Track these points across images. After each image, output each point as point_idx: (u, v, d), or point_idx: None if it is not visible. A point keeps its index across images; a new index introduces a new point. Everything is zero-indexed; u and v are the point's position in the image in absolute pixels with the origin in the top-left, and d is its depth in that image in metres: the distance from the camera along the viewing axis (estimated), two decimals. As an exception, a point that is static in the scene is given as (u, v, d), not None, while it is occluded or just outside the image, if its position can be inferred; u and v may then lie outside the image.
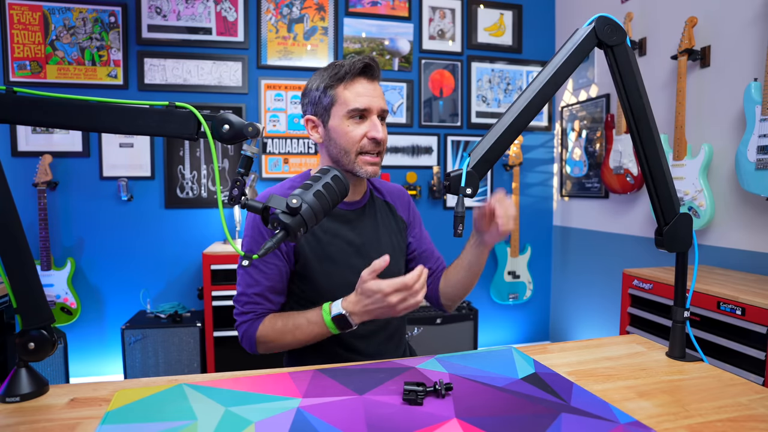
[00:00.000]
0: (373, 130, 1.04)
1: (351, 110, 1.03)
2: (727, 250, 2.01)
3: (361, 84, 1.04)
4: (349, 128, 1.04)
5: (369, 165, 1.06)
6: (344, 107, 1.03)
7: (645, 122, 0.88)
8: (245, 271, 1.07)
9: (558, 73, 0.85)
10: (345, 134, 1.04)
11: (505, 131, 0.86)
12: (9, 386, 0.75)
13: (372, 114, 1.05)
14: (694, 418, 0.69)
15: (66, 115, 0.73)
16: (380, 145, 1.06)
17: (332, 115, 1.05)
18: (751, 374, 1.44)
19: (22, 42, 2.56)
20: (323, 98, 1.06)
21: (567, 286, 3.21)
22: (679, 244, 0.91)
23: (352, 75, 1.04)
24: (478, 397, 0.76)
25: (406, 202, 1.26)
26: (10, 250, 0.74)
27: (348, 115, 1.03)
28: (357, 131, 1.04)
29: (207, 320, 2.39)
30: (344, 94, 1.04)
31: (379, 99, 1.06)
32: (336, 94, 1.04)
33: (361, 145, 1.04)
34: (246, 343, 1.06)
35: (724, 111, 2.01)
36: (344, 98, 1.04)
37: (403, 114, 3.04)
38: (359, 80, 1.05)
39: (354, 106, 1.03)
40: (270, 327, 1.03)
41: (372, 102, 1.04)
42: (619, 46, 0.86)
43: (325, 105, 1.06)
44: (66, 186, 2.63)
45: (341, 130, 1.04)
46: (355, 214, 1.13)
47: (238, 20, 2.79)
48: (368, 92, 1.04)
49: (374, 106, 1.05)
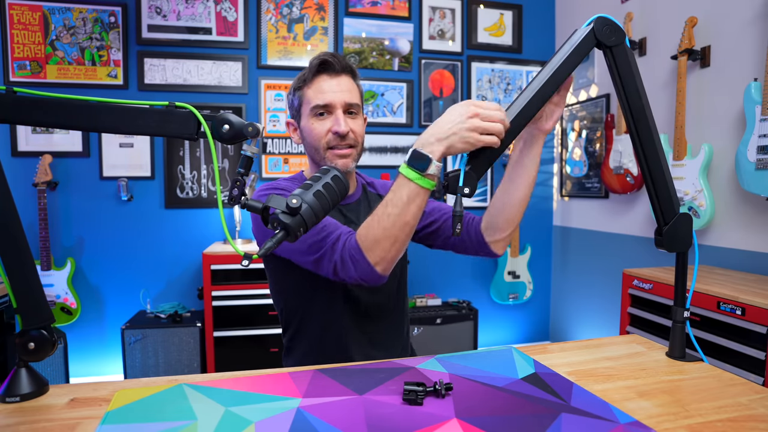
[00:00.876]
0: (335, 125, 1.04)
1: (312, 107, 1.05)
2: (727, 250, 2.01)
3: (323, 80, 1.06)
4: (314, 125, 1.06)
5: (338, 158, 1.06)
6: (308, 106, 1.06)
7: (644, 122, 0.88)
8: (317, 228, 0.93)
9: (556, 74, 0.85)
10: (311, 132, 1.06)
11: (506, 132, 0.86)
12: (9, 386, 0.75)
13: (336, 109, 1.05)
14: (694, 418, 0.69)
15: (66, 115, 0.73)
16: (346, 139, 1.05)
17: (302, 115, 1.09)
18: (751, 374, 1.44)
19: (22, 42, 2.56)
20: (294, 100, 1.10)
21: (567, 286, 3.21)
22: (679, 244, 0.91)
23: (312, 74, 1.06)
24: (478, 397, 0.76)
25: None
26: (10, 250, 0.74)
27: (312, 113, 1.06)
28: (321, 127, 1.05)
29: (207, 320, 2.39)
30: (308, 93, 1.06)
31: (343, 93, 1.06)
32: (302, 94, 1.08)
33: (326, 140, 1.05)
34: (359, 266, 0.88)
35: (724, 111, 2.01)
36: (308, 97, 1.06)
37: (403, 114, 3.04)
38: (320, 77, 1.06)
39: (315, 102, 1.05)
40: (363, 229, 0.89)
41: (334, 97, 1.04)
42: (618, 47, 0.86)
43: (296, 106, 1.10)
44: (66, 186, 2.63)
45: (308, 129, 1.07)
46: (348, 209, 1.14)
47: (238, 20, 2.79)
48: (330, 88, 1.05)
49: (336, 101, 1.05)
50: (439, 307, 2.87)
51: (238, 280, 2.42)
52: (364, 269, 0.88)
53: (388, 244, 0.87)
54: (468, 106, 0.82)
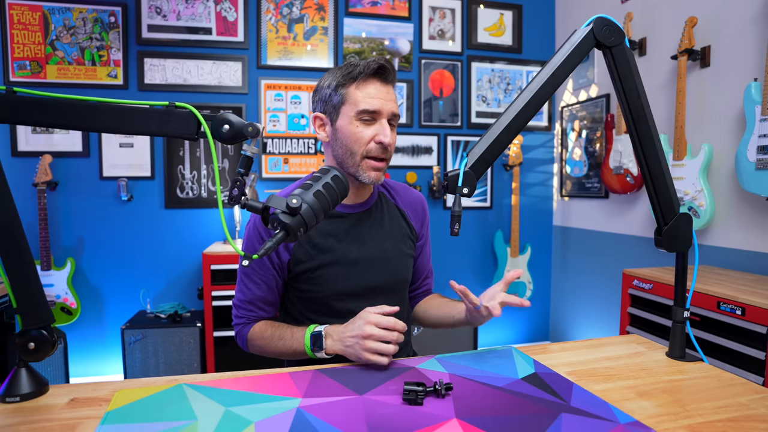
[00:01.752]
0: (381, 134, 1.01)
1: (360, 111, 1.01)
2: (727, 250, 2.01)
3: (373, 85, 1.02)
4: (357, 129, 1.01)
5: (373, 170, 1.03)
6: (354, 107, 1.01)
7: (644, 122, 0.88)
8: (240, 279, 1.11)
9: (556, 74, 0.86)
10: (352, 135, 1.02)
11: (503, 131, 0.86)
12: (9, 386, 0.75)
13: (382, 117, 1.02)
14: (694, 418, 0.69)
15: (66, 115, 0.73)
16: (387, 151, 1.03)
17: (341, 114, 1.03)
18: (751, 374, 1.44)
19: (22, 42, 2.56)
20: (333, 96, 1.04)
21: (567, 286, 3.21)
22: (679, 244, 0.91)
23: (366, 75, 1.01)
24: (478, 397, 0.76)
25: (422, 213, 1.23)
26: (10, 250, 0.74)
27: (357, 115, 1.01)
28: (365, 133, 1.01)
29: (207, 320, 2.39)
30: (355, 93, 1.01)
31: (391, 103, 1.03)
32: (347, 93, 1.02)
33: (367, 148, 1.02)
34: (239, 342, 1.14)
35: (724, 111, 2.01)
36: (355, 98, 1.01)
37: (403, 114, 3.04)
38: (372, 81, 1.02)
39: (364, 107, 1.00)
40: (260, 333, 1.08)
41: (383, 105, 1.01)
42: (617, 47, 0.86)
43: (334, 103, 1.04)
44: (66, 186, 2.63)
45: (348, 131, 1.02)
46: (358, 216, 1.11)
47: (238, 20, 2.79)
48: (380, 95, 1.02)
49: (385, 110, 1.02)
50: (439, 307, 2.86)
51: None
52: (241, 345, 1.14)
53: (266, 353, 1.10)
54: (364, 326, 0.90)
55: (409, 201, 1.22)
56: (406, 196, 1.22)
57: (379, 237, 1.12)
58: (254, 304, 1.10)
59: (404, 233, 1.17)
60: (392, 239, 1.14)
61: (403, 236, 1.17)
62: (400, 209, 1.19)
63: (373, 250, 1.10)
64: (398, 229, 1.16)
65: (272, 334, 1.05)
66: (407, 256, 1.17)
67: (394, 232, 1.15)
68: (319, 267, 1.06)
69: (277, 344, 1.04)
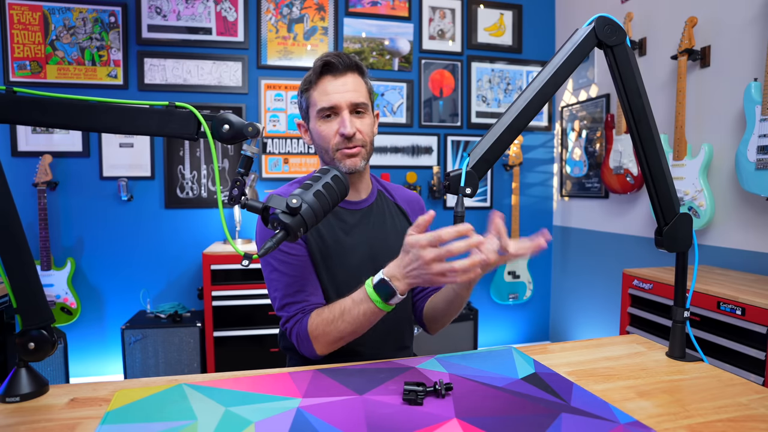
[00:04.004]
0: (341, 127, 1.03)
1: (319, 110, 1.05)
2: (727, 250, 2.01)
3: (327, 82, 1.05)
4: (322, 128, 1.06)
5: (347, 158, 1.05)
6: (315, 108, 1.06)
7: (645, 122, 0.88)
8: (274, 276, 1.03)
9: (557, 74, 0.85)
10: (320, 134, 1.06)
11: (505, 131, 0.85)
12: (9, 386, 0.75)
13: (342, 110, 1.04)
14: (694, 418, 0.69)
15: (66, 115, 0.73)
16: (353, 140, 1.04)
17: (310, 117, 1.09)
18: (751, 374, 1.44)
19: (22, 42, 2.56)
20: (303, 102, 1.10)
21: (567, 286, 3.21)
22: (679, 244, 0.91)
23: (316, 75, 1.05)
24: (478, 397, 0.76)
25: (420, 210, 1.24)
26: (10, 250, 0.74)
27: (319, 115, 1.05)
28: (328, 130, 1.05)
29: (207, 320, 2.39)
30: (314, 95, 1.06)
31: (348, 93, 1.04)
32: (309, 96, 1.07)
33: (335, 142, 1.05)
34: (304, 346, 0.98)
35: (724, 111, 2.01)
36: (314, 99, 1.06)
37: (403, 114, 3.04)
38: (325, 79, 1.05)
39: (321, 105, 1.04)
40: (318, 319, 0.96)
41: (338, 98, 1.03)
42: (618, 46, 0.86)
43: (305, 108, 1.10)
44: (66, 186, 2.63)
45: (317, 131, 1.07)
46: (359, 213, 1.12)
47: (238, 20, 2.79)
48: (335, 89, 1.04)
49: (341, 102, 1.03)
50: (439, 307, 2.86)
51: (238, 280, 2.42)
52: (307, 350, 0.98)
53: (336, 343, 0.95)
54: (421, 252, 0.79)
55: (406, 199, 1.24)
56: (403, 194, 1.25)
57: (382, 232, 1.13)
58: (303, 291, 1.01)
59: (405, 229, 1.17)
60: (395, 235, 1.14)
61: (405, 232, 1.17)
62: (399, 206, 1.21)
63: (378, 246, 1.11)
64: (400, 225, 1.17)
65: (331, 312, 0.93)
66: None
67: (396, 227, 1.16)
68: (326, 260, 1.07)
69: (344, 318, 0.90)
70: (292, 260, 1.03)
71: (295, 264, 1.03)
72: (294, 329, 0.99)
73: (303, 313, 0.99)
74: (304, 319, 0.98)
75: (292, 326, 0.99)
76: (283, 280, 1.02)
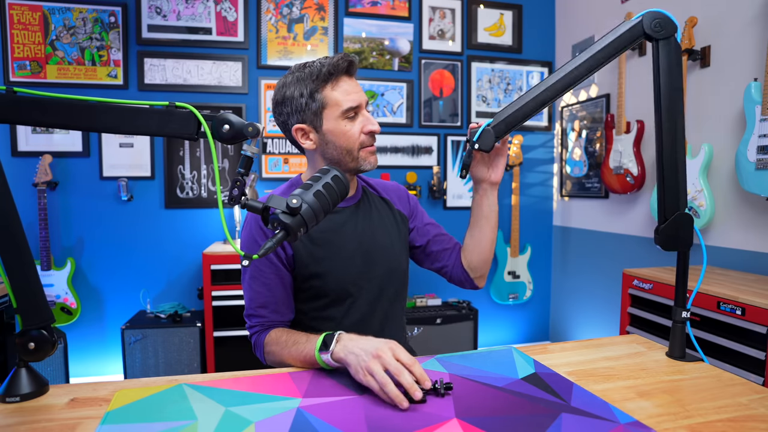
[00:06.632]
0: (369, 124, 1.07)
1: (345, 110, 1.04)
2: (727, 250, 2.02)
3: (346, 82, 1.06)
4: (346, 127, 1.05)
5: (371, 155, 1.09)
6: (337, 108, 1.04)
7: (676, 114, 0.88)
8: (248, 285, 1.07)
9: (596, 56, 0.89)
10: (343, 134, 1.05)
11: (531, 101, 0.92)
12: (9, 386, 0.75)
13: (362, 109, 1.08)
14: (694, 418, 0.69)
15: (66, 115, 0.73)
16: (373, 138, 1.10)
17: (325, 118, 1.05)
18: (751, 374, 1.44)
19: (22, 42, 2.56)
20: (311, 104, 1.04)
21: (567, 286, 3.21)
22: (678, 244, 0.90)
23: (338, 75, 1.05)
24: (478, 397, 0.76)
25: (404, 196, 1.27)
26: (10, 250, 0.74)
27: (343, 115, 1.05)
28: (354, 128, 1.06)
29: (207, 320, 2.39)
30: (333, 95, 1.04)
31: (363, 93, 1.09)
32: (324, 96, 1.04)
33: (360, 140, 1.07)
34: (258, 352, 1.07)
35: (724, 111, 2.01)
36: (335, 99, 1.04)
37: (403, 114, 3.04)
38: (344, 79, 1.06)
39: (348, 105, 1.04)
40: (275, 338, 1.01)
41: (360, 98, 1.07)
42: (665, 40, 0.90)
43: (314, 110, 1.04)
44: (66, 186, 2.63)
45: (339, 131, 1.05)
46: (348, 211, 1.14)
47: (238, 20, 2.79)
48: (354, 89, 1.06)
49: (363, 101, 1.07)
50: (439, 307, 2.86)
51: (238, 280, 2.41)
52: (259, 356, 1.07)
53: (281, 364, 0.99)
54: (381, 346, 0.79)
55: (389, 189, 1.26)
56: (385, 186, 1.27)
57: (370, 229, 1.15)
58: (266, 307, 1.06)
59: (393, 220, 1.21)
60: (383, 228, 1.17)
61: (393, 223, 1.20)
62: (383, 198, 1.23)
63: (367, 242, 1.13)
64: (387, 218, 1.19)
65: (287, 339, 0.98)
66: (401, 244, 1.20)
67: (383, 221, 1.18)
68: (317, 261, 1.07)
69: (290, 349, 0.94)
70: (261, 276, 1.06)
71: (262, 281, 1.06)
72: (253, 337, 1.08)
73: (262, 327, 1.06)
74: (262, 334, 1.06)
75: (251, 334, 1.08)
76: (248, 293, 1.08)
